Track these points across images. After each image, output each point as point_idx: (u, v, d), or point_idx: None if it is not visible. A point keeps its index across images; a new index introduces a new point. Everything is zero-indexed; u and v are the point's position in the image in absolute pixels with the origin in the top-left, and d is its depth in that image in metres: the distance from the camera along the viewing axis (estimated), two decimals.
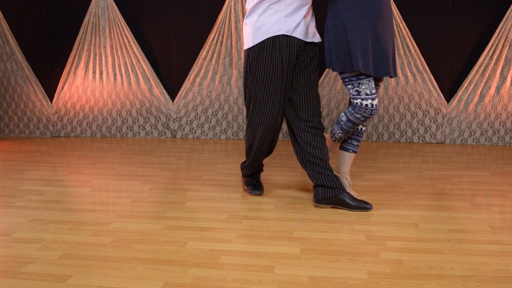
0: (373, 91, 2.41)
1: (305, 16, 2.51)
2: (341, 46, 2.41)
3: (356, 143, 2.68)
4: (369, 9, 2.37)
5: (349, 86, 2.45)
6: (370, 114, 2.43)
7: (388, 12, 2.45)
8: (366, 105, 2.41)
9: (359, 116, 2.46)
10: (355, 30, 2.37)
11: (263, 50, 2.51)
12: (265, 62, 2.51)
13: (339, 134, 2.61)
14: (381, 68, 2.46)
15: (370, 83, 2.40)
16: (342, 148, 2.73)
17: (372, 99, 2.40)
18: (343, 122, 2.55)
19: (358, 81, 2.41)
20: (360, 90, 2.41)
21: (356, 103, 2.44)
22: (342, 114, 2.55)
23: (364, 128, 2.69)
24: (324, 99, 4.77)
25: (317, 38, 2.59)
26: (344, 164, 2.73)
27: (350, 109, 2.49)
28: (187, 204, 2.67)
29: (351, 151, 2.70)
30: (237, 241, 2.10)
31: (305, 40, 2.52)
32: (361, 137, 2.69)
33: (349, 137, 2.68)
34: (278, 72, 2.50)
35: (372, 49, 2.40)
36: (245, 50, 2.61)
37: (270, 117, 2.55)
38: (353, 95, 2.45)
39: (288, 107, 2.59)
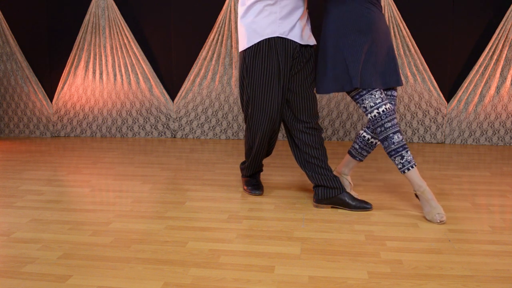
0: (377, 101, 2.36)
1: (300, 18, 2.51)
2: (338, 65, 2.39)
3: (365, 153, 2.67)
4: (362, 24, 2.36)
5: (359, 105, 2.43)
6: (387, 117, 2.35)
7: (382, 24, 2.42)
8: (374, 115, 2.37)
9: (378, 129, 2.37)
10: (350, 47, 2.35)
11: (259, 51, 2.50)
12: (262, 64, 2.50)
13: (396, 160, 2.40)
14: (387, 79, 2.43)
15: (372, 96, 2.36)
16: (350, 153, 2.71)
17: (377, 108, 2.36)
18: (395, 142, 2.36)
19: (361, 98, 2.39)
20: (365, 105, 2.38)
21: (369, 118, 2.40)
22: (393, 136, 2.36)
23: (378, 142, 2.64)
24: (324, 99, 4.77)
25: (312, 41, 2.59)
26: (347, 167, 2.73)
27: (381, 130, 2.38)
28: (187, 204, 2.67)
29: (358, 159, 2.70)
30: (237, 241, 2.10)
31: (300, 42, 2.52)
32: (372, 149, 2.67)
33: (361, 147, 2.65)
34: (275, 73, 2.50)
35: (372, 63, 2.38)
36: (240, 51, 2.60)
37: (269, 118, 2.55)
38: (364, 112, 2.42)
39: (286, 109, 2.59)
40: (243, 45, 2.56)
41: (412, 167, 2.37)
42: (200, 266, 1.84)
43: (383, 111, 2.36)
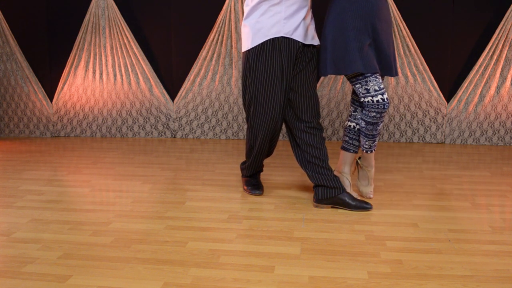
0: (381, 86, 2.40)
1: (304, 18, 2.51)
2: (338, 49, 2.41)
3: (357, 143, 2.68)
4: (366, 10, 2.38)
5: (357, 86, 2.43)
6: (384, 108, 2.40)
7: (386, 13, 2.45)
8: (377, 100, 2.39)
9: (374, 114, 2.43)
10: (352, 31, 2.37)
11: (262, 51, 2.50)
12: (265, 64, 2.51)
13: (367, 143, 2.59)
14: (383, 68, 2.46)
15: (377, 79, 2.39)
16: (343, 148, 2.73)
17: (382, 94, 2.39)
18: (364, 128, 2.53)
19: (365, 79, 2.40)
20: (368, 87, 2.40)
21: (367, 101, 2.42)
22: (360, 121, 2.53)
23: None
24: (324, 99, 4.77)
25: (315, 41, 2.59)
26: (345, 164, 2.73)
27: (364, 111, 2.48)
28: (187, 204, 2.67)
29: (351, 151, 2.70)
30: (237, 241, 2.10)
31: (304, 42, 2.52)
32: None
33: (351, 138, 2.68)
34: (278, 73, 2.50)
35: (373, 48, 2.41)
36: (244, 52, 2.60)
37: (271, 118, 2.55)
38: (362, 93, 2.42)
39: (287, 108, 2.59)
40: (246, 45, 2.56)
41: (372, 150, 2.64)
42: (200, 266, 1.84)
43: (387, 98, 2.40)
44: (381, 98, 2.39)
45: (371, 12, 2.38)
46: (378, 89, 2.39)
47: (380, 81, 2.41)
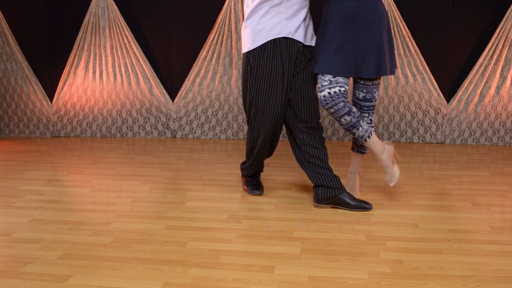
0: (324, 83, 2.41)
1: (304, 19, 2.52)
2: (315, 50, 2.51)
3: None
4: (338, 12, 2.40)
5: None
6: (329, 102, 2.41)
7: (368, 13, 2.40)
8: (319, 98, 2.44)
9: (330, 110, 2.46)
10: (328, 33, 2.42)
11: (264, 52, 2.50)
12: (266, 64, 2.51)
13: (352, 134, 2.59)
14: (352, 69, 2.42)
15: (321, 78, 2.43)
16: (352, 149, 2.71)
17: (321, 91, 2.42)
18: (343, 124, 2.54)
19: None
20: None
21: None
22: (341, 119, 2.54)
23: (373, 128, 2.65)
24: None
25: (314, 42, 2.60)
26: (353, 164, 2.73)
27: (330, 112, 2.54)
28: (187, 204, 2.67)
29: (355, 150, 2.70)
30: (237, 241, 2.10)
31: (304, 43, 2.53)
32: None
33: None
34: (279, 73, 2.51)
35: (344, 50, 2.40)
36: (244, 53, 2.60)
37: (273, 118, 2.55)
38: None
39: (287, 109, 2.59)
40: (247, 46, 2.55)
41: (365, 140, 2.50)
42: (200, 266, 1.84)
43: (324, 95, 2.40)
44: (321, 96, 2.42)
45: (344, 14, 2.39)
46: (320, 86, 2.44)
47: (325, 79, 2.41)
